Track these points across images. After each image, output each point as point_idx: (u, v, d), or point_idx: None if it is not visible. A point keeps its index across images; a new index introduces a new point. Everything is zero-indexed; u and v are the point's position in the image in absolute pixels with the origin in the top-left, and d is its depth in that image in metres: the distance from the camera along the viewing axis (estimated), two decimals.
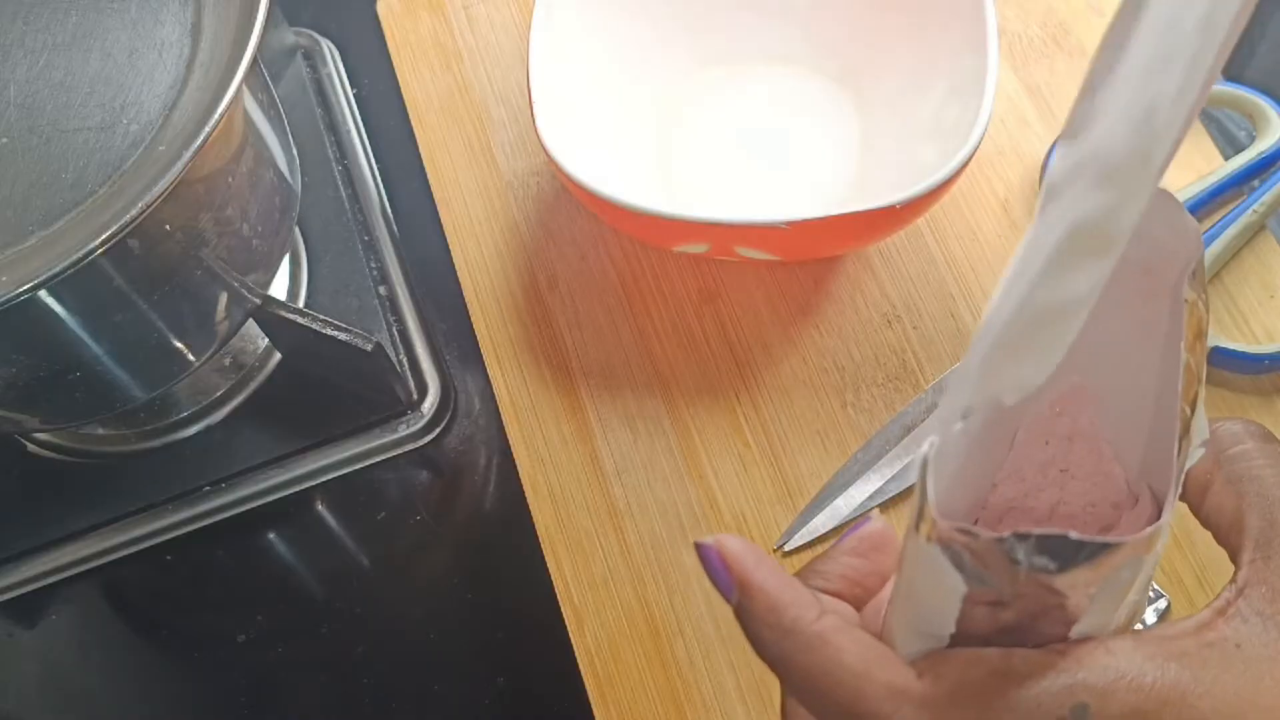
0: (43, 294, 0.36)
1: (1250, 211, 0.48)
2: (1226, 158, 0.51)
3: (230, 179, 0.41)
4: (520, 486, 0.48)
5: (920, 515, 0.24)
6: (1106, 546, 0.22)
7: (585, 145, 0.48)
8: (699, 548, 0.30)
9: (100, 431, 0.51)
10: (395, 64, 0.59)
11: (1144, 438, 0.27)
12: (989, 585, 0.23)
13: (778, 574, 0.28)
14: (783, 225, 0.43)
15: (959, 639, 0.25)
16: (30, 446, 0.51)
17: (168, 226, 0.39)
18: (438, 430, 0.51)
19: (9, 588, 0.49)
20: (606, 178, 0.45)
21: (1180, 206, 0.26)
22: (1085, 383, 0.28)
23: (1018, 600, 0.24)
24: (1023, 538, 0.22)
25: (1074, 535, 0.22)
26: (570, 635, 0.45)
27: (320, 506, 0.51)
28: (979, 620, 0.24)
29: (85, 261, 0.34)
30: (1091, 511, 0.28)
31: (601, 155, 0.49)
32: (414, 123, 0.57)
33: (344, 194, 0.55)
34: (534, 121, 0.46)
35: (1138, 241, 0.22)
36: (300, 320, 0.47)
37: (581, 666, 0.45)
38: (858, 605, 0.30)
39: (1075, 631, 0.24)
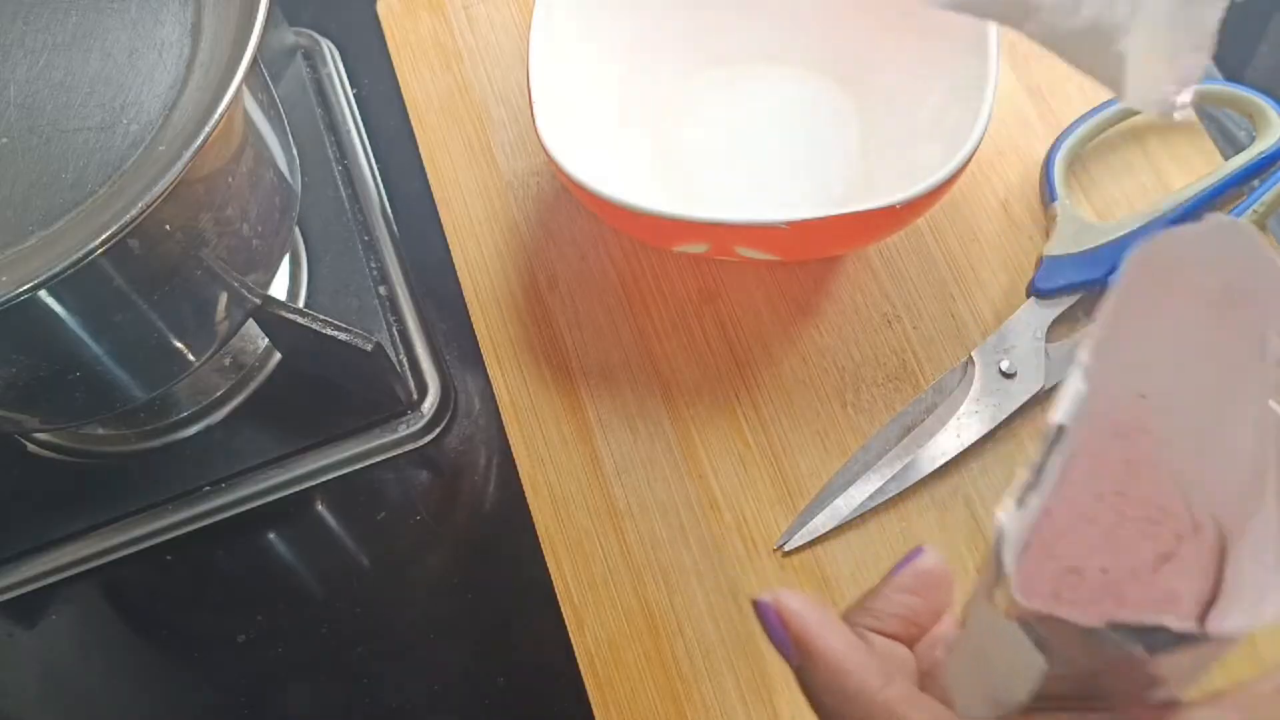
0: (43, 294, 0.36)
1: (1250, 211, 0.48)
2: (1227, 158, 0.51)
3: (230, 179, 0.41)
4: (520, 486, 0.48)
5: (997, 586, 0.23)
6: (1205, 637, 0.21)
7: (585, 145, 0.48)
8: (757, 606, 0.29)
9: (100, 431, 0.51)
10: (395, 64, 0.59)
11: (1210, 465, 0.26)
12: (1074, 666, 0.22)
13: (841, 635, 0.27)
14: (783, 225, 0.43)
15: (1032, 702, 0.24)
16: (30, 446, 0.51)
17: (168, 226, 0.39)
18: (438, 430, 0.51)
19: (9, 588, 0.49)
20: (606, 178, 0.45)
21: (1265, 248, 0.24)
22: (1149, 400, 0.27)
23: (1100, 671, 0.23)
24: (1118, 627, 0.21)
25: (1174, 626, 0.21)
26: (570, 635, 0.45)
27: (320, 506, 0.51)
28: (1054, 684, 0.23)
29: (85, 261, 0.34)
30: (1150, 539, 0.27)
31: (601, 155, 0.49)
32: (414, 123, 0.57)
33: (344, 194, 0.55)
34: (534, 121, 0.46)
35: (1213, 261, 0.21)
36: (300, 320, 0.47)
37: (581, 666, 0.45)
38: (911, 643, 0.30)
39: (1156, 696, 0.24)
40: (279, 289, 0.52)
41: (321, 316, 0.47)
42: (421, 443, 0.51)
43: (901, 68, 0.51)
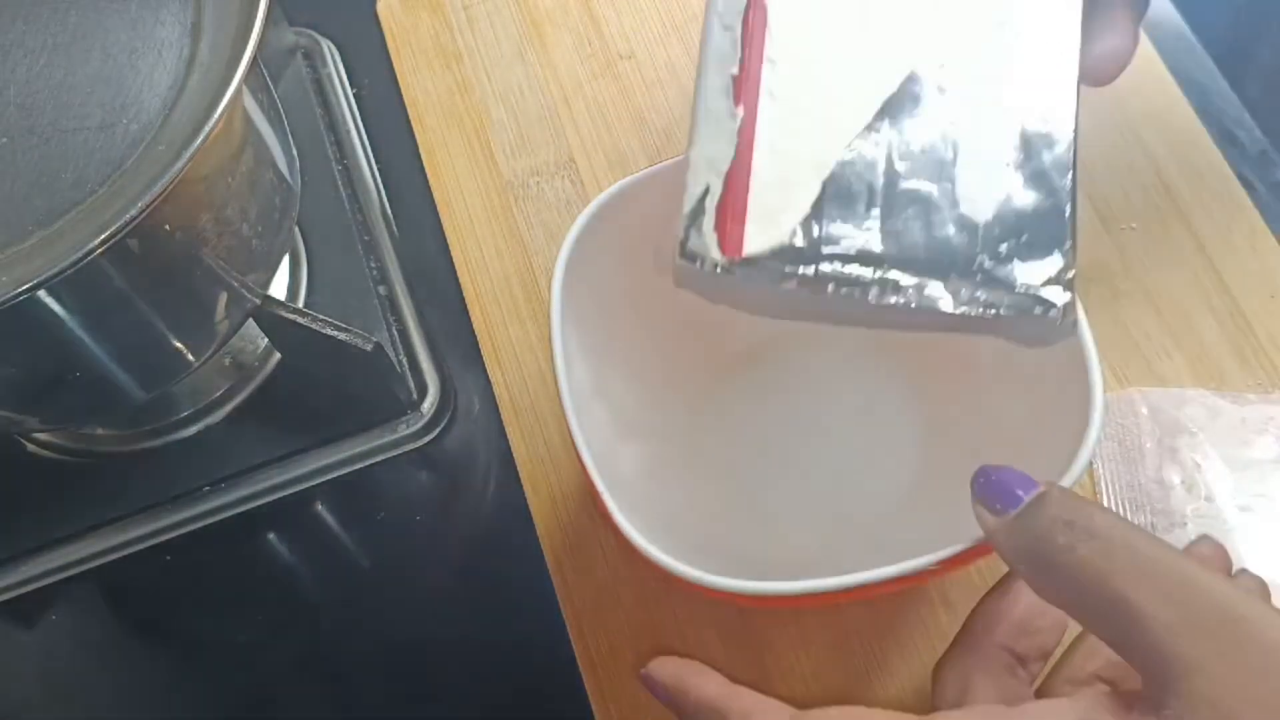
0: (43, 294, 0.36)
1: None
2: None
3: (230, 179, 0.41)
4: (520, 486, 0.48)
5: None
6: None
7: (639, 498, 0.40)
8: (644, 680, 0.38)
9: (100, 431, 0.51)
10: (395, 64, 0.59)
11: None
12: None
13: (714, 681, 0.36)
14: (934, 565, 0.34)
15: None
16: (30, 446, 0.51)
17: (168, 226, 0.39)
18: (438, 430, 0.51)
19: (9, 588, 0.49)
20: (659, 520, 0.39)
21: None
22: None
23: None
24: None
25: None
26: (570, 635, 0.45)
27: (320, 507, 0.51)
28: None
29: (85, 261, 0.34)
30: None
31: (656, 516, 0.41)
32: (414, 123, 0.57)
33: (344, 194, 0.55)
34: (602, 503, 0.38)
35: None
36: (300, 320, 0.47)
37: (581, 666, 0.45)
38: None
39: None
40: (279, 289, 0.52)
41: (321, 316, 0.47)
42: (421, 443, 0.51)
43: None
